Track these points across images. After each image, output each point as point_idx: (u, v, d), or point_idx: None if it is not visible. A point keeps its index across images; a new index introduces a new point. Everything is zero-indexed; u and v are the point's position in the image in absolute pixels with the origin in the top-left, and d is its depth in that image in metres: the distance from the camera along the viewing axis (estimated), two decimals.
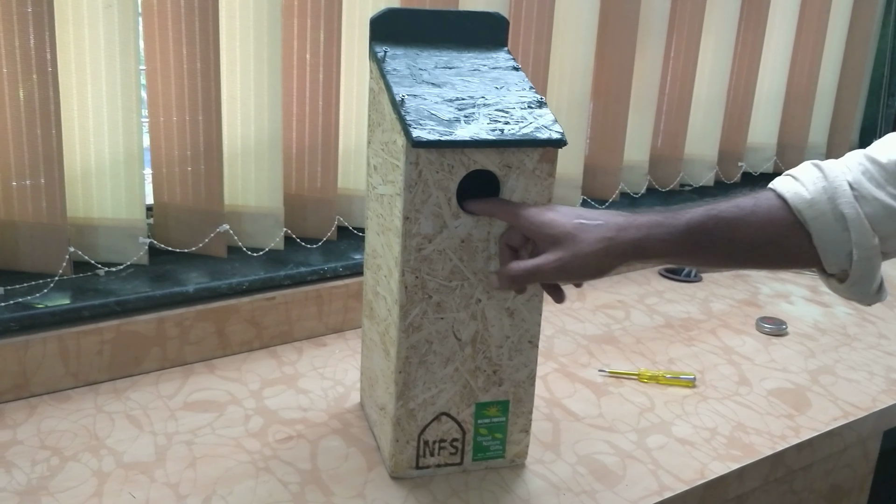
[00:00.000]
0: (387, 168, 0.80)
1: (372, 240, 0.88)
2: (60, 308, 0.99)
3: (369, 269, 0.91)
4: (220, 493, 0.82)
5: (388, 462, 0.86)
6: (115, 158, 1.08)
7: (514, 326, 0.83)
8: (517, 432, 0.88)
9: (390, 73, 0.80)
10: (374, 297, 0.89)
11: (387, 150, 0.80)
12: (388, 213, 0.80)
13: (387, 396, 0.85)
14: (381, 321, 0.85)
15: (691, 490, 0.87)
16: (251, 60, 1.13)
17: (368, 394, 0.94)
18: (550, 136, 0.76)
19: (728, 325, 1.28)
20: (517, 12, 1.35)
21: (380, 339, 0.87)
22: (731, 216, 0.75)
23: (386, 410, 0.85)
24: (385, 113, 0.80)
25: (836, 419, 1.02)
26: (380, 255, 0.85)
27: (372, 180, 0.87)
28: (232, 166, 1.17)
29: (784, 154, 1.84)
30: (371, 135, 0.86)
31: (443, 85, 0.81)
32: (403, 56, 0.83)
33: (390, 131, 0.78)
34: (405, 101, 0.77)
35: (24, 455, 0.87)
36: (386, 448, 0.86)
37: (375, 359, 0.89)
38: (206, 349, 1.09)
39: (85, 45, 1.03)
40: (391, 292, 0.81)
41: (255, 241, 1.20)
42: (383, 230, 0.83)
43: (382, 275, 0.84)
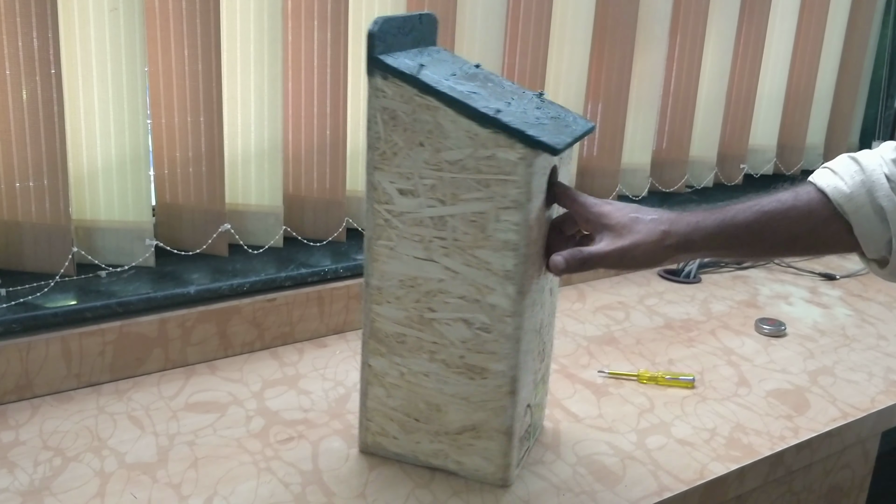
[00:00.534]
0: (457, 187, 0.77)
1: (404, 269, 0.82)
2: (63, 309, 1.00)
3: (393, 301, 0.83)
4: (221, 493, 0.82)
5: (499, 475, 0.85)
6: (122, 160, 1.08)
7: (551, 304, 0.90)
8: (544, 398, 0.95)
9: (439, 86, 0.76)
10: (420, 327, 0.83)
11: (458, 168, 0.77)
12: (476, 231, 0.78)
13: (484, 413, 0.83)
14: (456, 344, 0.82)
15: (691, 490, 0.87)
16: (252, 62, 1.14)
17: (408, 430, 0.87)
18: (591, 125, 0.85)
19: (727, 327, 1.29)
20: (514, 13, 1.36)
21: (447, 367, 0.83)
22: (773, 210, 0.78)
23: (484, 427, 0.84)
24: (446, 131, 0.76)
25: (835, 420, 1.02)
26: (438, 279, 0.81)
27: (397, 206, 0.80)
28: (233, 166, 1.18)
29: (783, 155, 1.85)
30: (385, 160, 0.79)
31: (479, 92, 0.79)
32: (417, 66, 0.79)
33: (469, 148, 0.76)
34: (500, 113, 0.75)
35: (27, 455, 0.87)
36: (489, 465, 0.85)
37: (435, 388, 0.85)
38: (208, 350, 1.09)
39: (91, 46, 1.04)
40: (491, 308, 0.80)
41: (256, 240, 1.21)
42: (451, 252, 0.79)
43: (452, 297, 0.81)
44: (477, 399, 0.83)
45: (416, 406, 0.86)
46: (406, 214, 0.80)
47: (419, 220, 0.80)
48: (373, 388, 0.87)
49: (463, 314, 0.81)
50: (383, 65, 0.76)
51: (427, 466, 0.88)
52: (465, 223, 0.78)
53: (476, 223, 0.78)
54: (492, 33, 1.32)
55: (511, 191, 0.76)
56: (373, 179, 0.80)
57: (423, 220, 0.79)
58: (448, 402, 0.85)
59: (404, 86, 0.76)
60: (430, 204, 0.79)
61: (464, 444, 0.86)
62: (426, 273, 0.81)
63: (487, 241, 0.78)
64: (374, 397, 0.87)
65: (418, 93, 0.76)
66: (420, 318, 0.83)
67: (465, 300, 0.81)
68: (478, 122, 0.75)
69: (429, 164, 0.78)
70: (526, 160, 0.74)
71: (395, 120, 0.78)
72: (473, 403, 0.84)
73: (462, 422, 0.85)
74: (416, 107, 0.76)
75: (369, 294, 0.84)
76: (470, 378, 0.83)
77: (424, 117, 0.77)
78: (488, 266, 0.79)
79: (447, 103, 0.75)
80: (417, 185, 0.79)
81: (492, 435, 0.84)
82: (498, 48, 1.33)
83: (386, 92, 0.77)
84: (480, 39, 1.31)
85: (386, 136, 0.78)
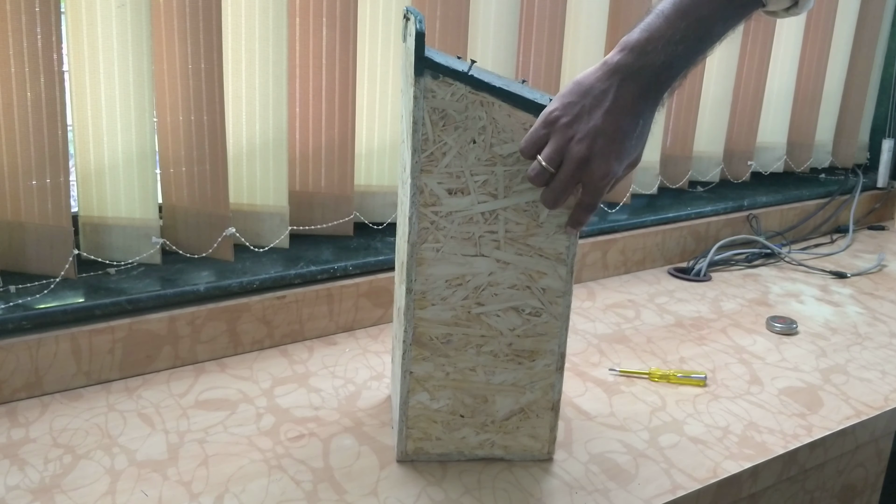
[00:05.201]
0: (510, 179, 0.80)
1: (451, 269, 0.82)
2: (72, 307, 1.00)
3: (439, 303, 0.83)
4: (232, 491, 0.82)
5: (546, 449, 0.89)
6: (129, 157, 1.08)
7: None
8: None
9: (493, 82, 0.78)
10: (467, 324, 0.84)
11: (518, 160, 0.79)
12: (529, 220, 0.81)
13: (533, 394, 0.87)
14: (505, 334, 0.84)
15: (704, 489, 0.87)
16: (256, 60, 1.13)
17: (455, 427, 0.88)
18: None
19: (739, 325, 1.28)
20: (529, 13, 1.35)
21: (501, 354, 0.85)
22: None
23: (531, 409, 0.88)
24: (503, 126, 0.78)
25: (848, 418, 1.01)
26: (488, 273, 0.82)
27: (446, 207, 0.80)
28: (237, 166, 1.18)
29: (792, 153, 1.84)
30: (435, 161, 0.79)
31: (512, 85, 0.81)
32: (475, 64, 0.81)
33: None
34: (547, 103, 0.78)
35: (37, 453, 0.87)
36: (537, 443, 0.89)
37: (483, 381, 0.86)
38: (218, 348, 1.09)
39: (98, 44, 1.04)
40: (542, 292, 0.83)
41: (261, 241, 1.21)
42: (503, 244, 0.81)
43: (503, 288, 0.83)
44: (525, 382, 0.87)
45: (462, 402, 0.87)
46: (455, 214, 0.81)
47: (469, 217, 0.81)
48: (415, 395, 0.86)
49: (513, 303, 0.84)
50: (434, 64, 0.76)
51: (472, 459, 0.89)
52: (518, 213, 0.81)
53: (529, 212, 0.81)
54: (505, 32, 1.31)
55: None
56: (419, 183, 0.80)
57: (474, 216, 0.81)
58: (496, 391, 0.87)
59: (456, 84, 0.77)
60: (481, 200, 0.80)
61: (511, 428, 0.88)
62: (475, 269, 0.83)
63: (541, 227, 0.81)
64: (416, 404, 0.87)
65: (472, 90, 0.77)
66: (468, 315, 0.84)
67: (516, 288, 0.83)
68: (534, 112, 0.78)
69: (481, 161, 0.79)
70: None
71: (444, 119, 0.78)
72: (521, 387, 0.87)
73: (510, 407, 0.87)
74: (469, 104, 0.78)
75: (411, 300, 0.83)
76: (518, 363, 0.86)
77: (478, 114, 0.78)
78: (541, 252, 0.82)
79: (503, 98, 0.78)
80: (468, 182, 0.80)
81: (539, 413, 0.88)
82: (511, 47, 1.33)
83: (436, 92, 0.77)
84: (494, 38, 1.31)
85: (435, 137, 0.78)
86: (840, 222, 1.78)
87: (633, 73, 0.76)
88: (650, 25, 0.77)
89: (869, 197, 1.86)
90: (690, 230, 1.55)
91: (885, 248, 1.70)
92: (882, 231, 1.83)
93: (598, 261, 1.44)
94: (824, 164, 1.89)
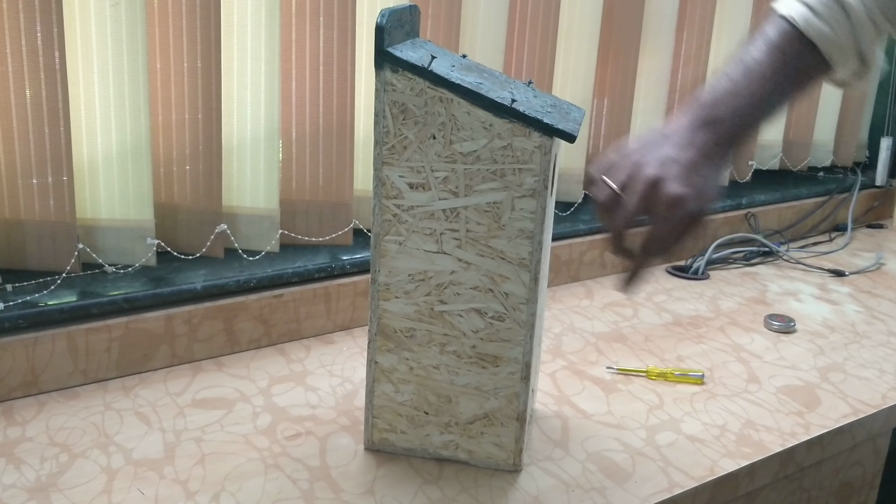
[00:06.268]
0: (471, 178, 0.78)
1: (414, 263, 0.82)
2: (69, 305, 0.99)
3: (402, 296, 0.83)
4: (229, 489, 0.82)
5: (512, 459, 0.86)
6: (123, 157, 1.08)
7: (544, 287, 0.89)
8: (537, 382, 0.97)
9: (453, 77, 0.76)
10: (430, 321, 0.83)
11: (473, 159, 0.77)
12: (491, 222, 0.79)
13: (498, 401, 0.84)
14: (468, 335, 0.83)
15: (701, 487, 0.87)
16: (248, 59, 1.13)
17: (419, 423, 0.87)
18: (583, 112, 0.86)
19: (737, 323, 1.28)
20: (522, 10, 1.35)
21: (458, 358, 0.84)
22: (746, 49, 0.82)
23: (495, 416, 0.85)
24: (461, 122, 0.77)
25: (846, 416, 1.01)
26: (450, 271, 0.81)
27: (407, 201, 0.80)
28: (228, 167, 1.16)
29: (790, 151, 1.84)
30: (395, 155, 0.79)
31: (485, 81, 0.79)
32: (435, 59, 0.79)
33: (485, 139, 0.76)
34: (515, 102, 0.76)
35: (34, 452, 0.87)
36: (501, 452, 0.86)
37: (446, 380, 0.85)
38: (215, 346, 1.09)
39: (92, 43, 1.03)
40: (504, 296, 0.81)
41: (252, 245, 1.19)
42: (464, 244, 0.80)
43: (465, 289, 0.81)
44: (489, 388, 0.85)
45: (426, 399, 0.86)
46: (417, 208, 0.80)
47: (430, 213, 0.80)
48: (380, 385, 0.87)
49: (476, 304, 0.82)
50: (393, 58, 0.76)
51: (437, 458, 0.88)
52: (479, 214, 0.79)
53: (490, 213, 0.79)
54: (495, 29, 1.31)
55: (527, 179, 0.77)
56: (381, 175, 0.80)
57: (435, 213, 0.80)
58: (459, 392, 0.85)
59: (415, 78, 0.76)
60: (442, 196, 0.79)
61: (476, 432, 0.87)
62: (437, 266, 0.81)
63: (502, 230, 0.79)
64: (381, 394, 0.87)
65: (431, 85, 0.76)
66: (430, 312, 0.83)
67: (479, 290, 0.82)
68: (494, 112, 0.76)
69: (441, 157, 0.78)
70: (542, 148, 0.76)
71: (405, 113, 0.78)
72: (485, 392, 0.85)
73: (474, 411, 0.86)
74: (429, 99, 0.77)
75: (376, 291, 0.84)
76: (482, 367, 0.84)
77: (437, 109, 0.77)
78: (503, 255, 0.80)
79: (462, 94, 0.76)
80: (429, 178, 0.79)
81: (504, 421, 0.85)
82: (500, 44, 1.32)
83: (396, 85, 0.77)
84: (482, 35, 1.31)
85: (396, 131, 0.78)
86: (838, 221, 1.78)
87: (703, 123, 0.79)
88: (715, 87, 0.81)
89: (867, 195, 1.86)
90: None
91: (883, 246, 1.70)
92: (881, 229, 1.83)
93: (595, 259, 1.44)
94: (824, 162, 1.89)
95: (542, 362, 1.11)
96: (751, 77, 0.80)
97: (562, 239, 1.38)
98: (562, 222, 1.42)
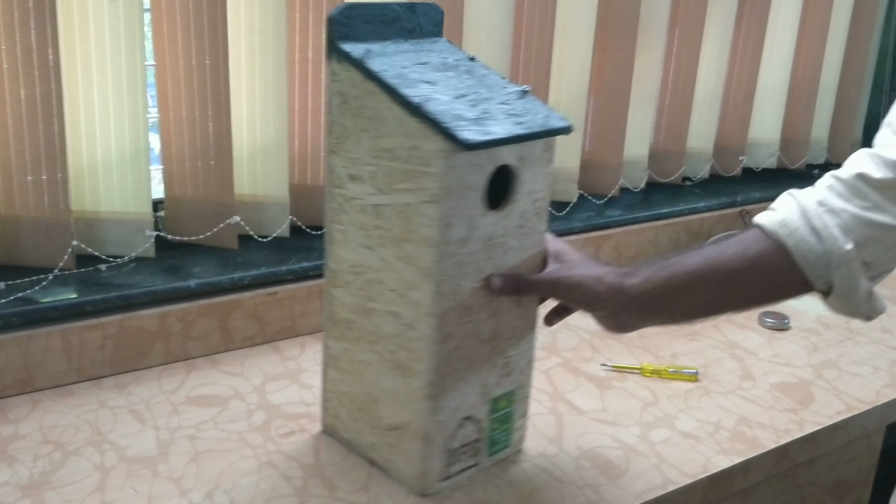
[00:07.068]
0: (392, 176, 0.75)
1: (350, 255, 0.81)
2: (63, 303, 0.99)
3: (343, 286, 0.83)
4: (223, 487, 0.82)
5: (415, 481, 0.81)
6: (122, 152, 1.08)
7: (520, 316, 0.83)
8: (518, 418, 0.88)
9: (383, 74, 0.74)
10: (360, 316, 0.82)
11: (392, 157, 0.75)
12: (401, 224, 0.75)
13: (407, 414, 0.80)
14: (387, 338, 0.80)
15: (695, 484, 0.87)
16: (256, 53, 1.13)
17: (354, 418, 0.87)
18: (563, 125, 0.78)
19: (731, 320, 1.28)
20: (520, 8, 1.35)
21: (382, 358, 0.81)
22: (714, 249, 0.78)
23: (407, 429, 0.81)
24: (384, 118, 0.75)
25: (840, 413, 1.01)
26: (376, 269, 0.79)
27: (346, 191, 0.80)
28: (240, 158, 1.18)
29: (787, 149, 1.84)
30: (339, 143, 0.79)
31: (435, 83, 0.76)
32: (376, 54, 0.77)
33: (400, 137, 0.74)
34: (424, 103, 0.72)
35: (27, 450, 0.87)
36: (408, 468, 0.82)
37: (372, 380, 0.83)
38: (209, 344, 1.09)
39: (90, 39, 1.03)
40: (414, 305, 0.76)
41: (261, 230, 1.21)
42: (385, 242, 0.78)
43: (385, 289, 0.79)
44: (403, 398, 0.80)
45: (361, 395, 0.85)
46: (354, 200, 0.80)
47: (363, 207, 0.79)
48: (329, 370, 0.88)
49: (393, 307, 0.79)
50: (337, 48, 0.77)
51: (366, 458, 0.87)
52: (396, 214, 0.76)
53: (404, 215, 0.75)
54: (499, 27, 1.31)
55: (430, 184, 0.72)
56: (329, 162, 0.81)
57: (366, 207, 0.79)
58: (382, 395, 0.83)
59: (352, 70, 0.76)
60: (370, 192, 0.78)
61: (392, 441, 0.83)
62: (367, 261, 0.80)
63: (412, 234, 0.75)
64: (331, 379, 0.88)
65: (363, 78, 0.75)
66: (363, 307, 0.82)
67: (396, 293, 0.78)
68: (407, 110, 0.72)
69: (370, 151, 0.77)
70: (444, 153, 0.71)
71: (346, 104, 0.78)
72: (400, 402, 0.81)
73: (391, 418, 0.82)
74: (361, 92, 0.76)
75: (328, 276, 0.85)
76: (399, 374, 0.80)
77: (367, 103, 0.76)
78: (413, 260, 0.76)
79: (384, 90, 0.74)
80: (363, 171, 0.78)
81: (411, 438, 0.81)
82: (505, 42, 1.32)
83: (339, 76, 0.78)
84: (486, 33, 1.31)
85: (339, 120, 0.79)
86: None
87: (637, 307, 0.78)
88: (671, 279, 0.77)
89: None
90: (683, 226, 1.54)
91: None
92: None
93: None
94: (819, 160, 1.89)
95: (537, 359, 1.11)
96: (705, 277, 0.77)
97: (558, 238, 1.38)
98: (557, 221, 1.42)
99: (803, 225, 0.74)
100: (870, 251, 0.73)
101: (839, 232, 0.73)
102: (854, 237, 0.73)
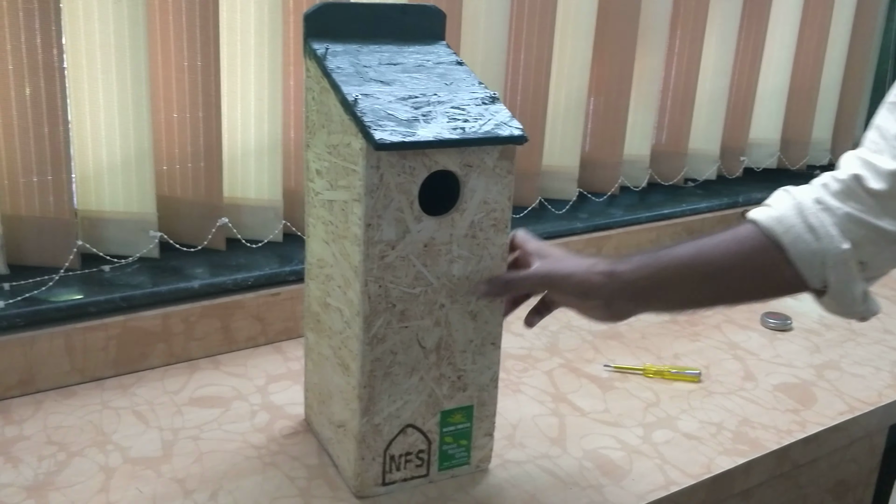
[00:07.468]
0: (337, 172, 0.76)
1: (317, 249, 0.83)
2: (66, 304, 0.99)
3: (314, 279, 0.85)
4: (227, 487, 0.82)
5: (353, 481, 0.80)
6: (126, 153, 1.08)
7: (476, 329, 0.81)
8: (481, 437, 0.85)
9: (335, 72, 0.75)
10: (322, 309, 0.83)
11: (336, 154, 0.76)
12: (342, 220, 0.76)
13: (347, 413, 0.80)
14: (336, 334, 0.80)
15: (698, 484, 0.87)
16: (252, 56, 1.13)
17: (318, 410, 0.88)
18: (512, 133, 0.75)
19: (733, 321, 1.28)
20: (519, 9, 1.35)
21: (334, 354, 0.82)
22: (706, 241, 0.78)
23: (347, 428, 0.80)
24: (332, 114, 0.76)
25: (841, 414, 1.02)
26: (330, 264, 0.80)
27: (314, 185, 0.82)
28: (232, 161, 1.18)
29: (788, 150, 1.84)
30: (311, 137, 0.81)
31: (392, 83, 0.76)
32: (344, 53, 0.78)
33: (340, 133, 0.74)
34: (359, 101, 0.72)
35: (31, 450, 0.87)
36: (348, 467, 0.81)
37: (328, 374, 0.84)
38: (212, 345, 1.09)
39: (95, 39, 1.04)
40: (350, 303, 0.76)
41: (255, 235, 1.21)
42: (335, 238, 0.78)
43: (335, 285, 0.79)
44: (345, 396, 0.80)
45: (322, 388, 0.87)
46: (318, 195, 0.82)
47: (322, 202, 0.81)
48: (307, 361, 0.90)
49: (339, 304, 0.79)
50: (308, 46, 0.80)
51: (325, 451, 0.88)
52: (340, 210, 0.77)
53: (344, 212, 0.76)
54: (496, 28, 1.31)
55: (356, 182, 0.72)
56: (305, 157, 0.84)
57: (324, 202, 0.80)
58: (333, 391, 0.83)
59: (316, 66, 0.78)
60: (326, 187, 0.80)
61: (340, 438, 0.83)
62: (325, 256, 0.82)
63: (347, 231, 0.76)
64: (308, 370, 0.90)
65: (321, 74, 0.78)
66: (323, 302, 0.83)
67: (341, 290, 0.78)
68: (344, 107, 0.73)
69: (325, 147, 0.79)
70: (366, 151, 0.70)
71: (313, 100, 0.81)
72: (344, 399, 0.81)
73: (338, 415, 0.83)
74: (321, 88, 0.78)
75: (305, 268, 0.87)
76: (343, 371, 0.80)
77: (323, 98, 0.78)
78: (348, 258, 0.76)
79: (334, 88, 0.75)
80: (322, 166, 0.80)
81: (350, 437, 0.80)
82: (502, 43, 1.33)
83: (310, 72, 0.81)
84: (484, 34, 1.31)
85: (308, 115, 0.81)
86: None
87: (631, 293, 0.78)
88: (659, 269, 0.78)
89: None
90: (685, 226, 1.55)
91: None
92: None
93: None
94: (821, 161, 1.89)
95: (538, 360, 1.12)
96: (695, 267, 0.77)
97: (558, 237, 1.38)
98: (558, 220, 1.42)
99: (800, 222, 0.73)
100: (866, 251, 0.73)
101: (836, 231, 0.72)
102: (851, 237, 0.72)
